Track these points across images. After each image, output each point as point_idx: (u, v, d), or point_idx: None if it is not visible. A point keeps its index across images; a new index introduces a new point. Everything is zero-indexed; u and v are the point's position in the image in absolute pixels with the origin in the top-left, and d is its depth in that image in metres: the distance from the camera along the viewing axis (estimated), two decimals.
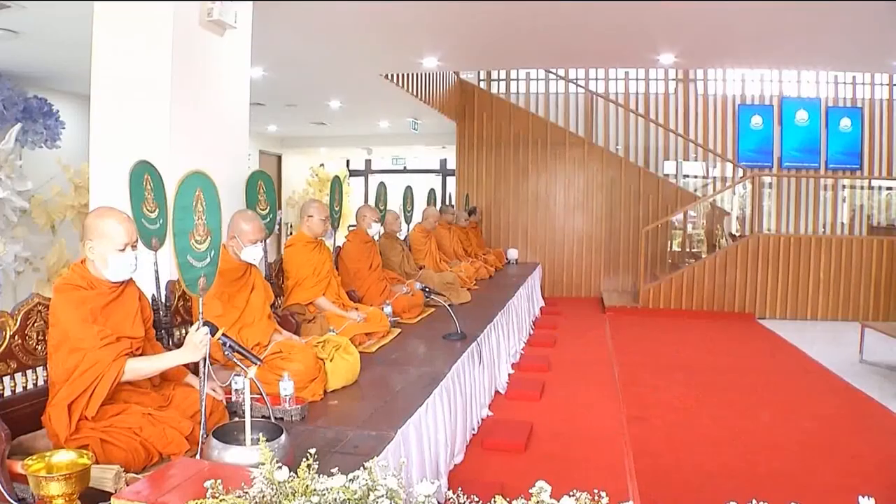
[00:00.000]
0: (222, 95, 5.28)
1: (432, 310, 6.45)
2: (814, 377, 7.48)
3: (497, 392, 6.11)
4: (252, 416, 2.52)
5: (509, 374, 6.65)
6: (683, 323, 10.51)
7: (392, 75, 9.95)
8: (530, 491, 1.68)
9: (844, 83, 13.90)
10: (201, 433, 2.76)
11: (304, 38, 7.69)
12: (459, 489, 1.67)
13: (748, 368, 7.81)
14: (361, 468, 1.75)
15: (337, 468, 1.78)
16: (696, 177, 14.27)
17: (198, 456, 2.65)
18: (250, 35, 5.65)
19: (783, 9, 6.75)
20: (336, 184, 6.54)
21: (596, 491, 1.68)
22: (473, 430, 5.05)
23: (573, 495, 1.65)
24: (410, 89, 10.69)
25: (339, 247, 6.40)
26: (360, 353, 4.24)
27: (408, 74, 10.50)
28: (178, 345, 3.58)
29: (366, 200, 16.96)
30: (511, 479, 4.30)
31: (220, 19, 4.96)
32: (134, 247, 2.97)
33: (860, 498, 1.74)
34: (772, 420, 5.89)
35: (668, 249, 12.74)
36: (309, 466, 1.76)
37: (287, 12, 6.53)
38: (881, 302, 10.89)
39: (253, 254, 4.04)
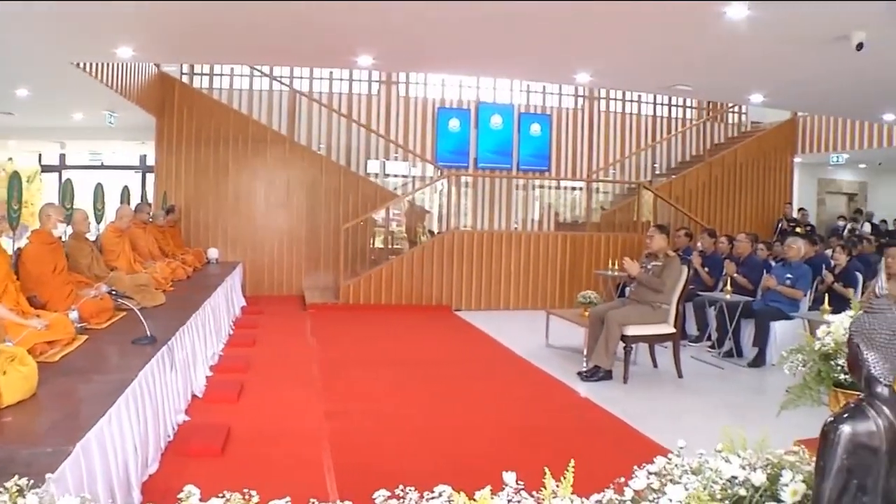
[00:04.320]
0: None
1: (123, 314, 6.17)
2: (506, 363, 8.15)
3: (194, 396, 6.01)
4: None
5: (207, 377, 6.57)
6: (384, 317, 10.91)
7: (85, 64, 9.32)
8: (179, 496, 1.71)
9: (535, 92, 15.22)
10: None
11: None
12: (111, 502, 1.67)
13: (446, 358, 8.32)
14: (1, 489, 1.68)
15: None
16: (397, 176, 14.84)
17: None
18: None
19: (476, 21, 7.18)
20: (15, 180, 6.11)
21: (246, 490, 1.75)
22: (169, 436, 4.94)
23: (223, 496, 1.70)
24: (105, 80, 10.04)
25: (19, 249, 5.97)
26: (41, 363, 4.01)
27: (103, 64, 9.89)
28: None
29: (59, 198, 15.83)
30: (208, 484, 4.21)
31: None
32: None
33: (503, 473, 1.93)
34: (469, 406, 6.31)
35: (371, 246, 13.14)
36: None
37: None
38: (565, 291, 12.08)
39: None
